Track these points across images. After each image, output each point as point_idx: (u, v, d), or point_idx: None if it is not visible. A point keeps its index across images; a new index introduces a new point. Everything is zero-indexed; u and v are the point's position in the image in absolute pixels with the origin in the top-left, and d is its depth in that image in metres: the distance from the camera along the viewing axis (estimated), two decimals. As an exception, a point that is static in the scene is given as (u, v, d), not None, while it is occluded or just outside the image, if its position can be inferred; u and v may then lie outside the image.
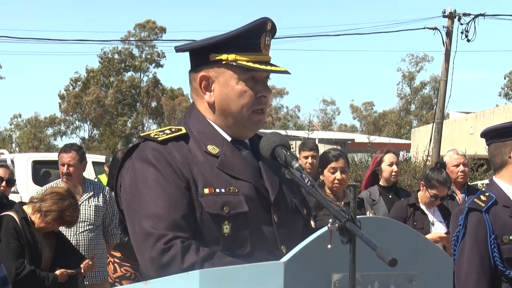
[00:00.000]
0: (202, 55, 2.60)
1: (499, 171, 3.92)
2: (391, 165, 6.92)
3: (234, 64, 2.54)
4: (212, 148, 2.56)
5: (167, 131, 2.59)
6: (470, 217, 3.80)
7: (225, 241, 2.44)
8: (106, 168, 10.38)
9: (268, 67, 2.57)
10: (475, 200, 3.83)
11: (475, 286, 3.71)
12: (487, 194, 3.85)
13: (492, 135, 3.96)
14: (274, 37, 2.68)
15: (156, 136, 2.56)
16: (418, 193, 6.27)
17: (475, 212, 3.78)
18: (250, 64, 2.54)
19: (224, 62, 2.56)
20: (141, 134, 2.63)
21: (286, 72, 2.62)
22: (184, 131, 2.59)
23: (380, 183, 6.98)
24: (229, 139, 2.61)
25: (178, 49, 2.69)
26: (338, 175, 5.55)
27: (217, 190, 2.48)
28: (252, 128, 2.62)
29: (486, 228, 3.74)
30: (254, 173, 2.58)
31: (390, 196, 6.82)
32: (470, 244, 3.76)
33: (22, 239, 4.96)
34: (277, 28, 2.65)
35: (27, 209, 5.12)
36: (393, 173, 6.90)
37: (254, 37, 2.56)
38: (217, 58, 2.56)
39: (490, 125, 4.10)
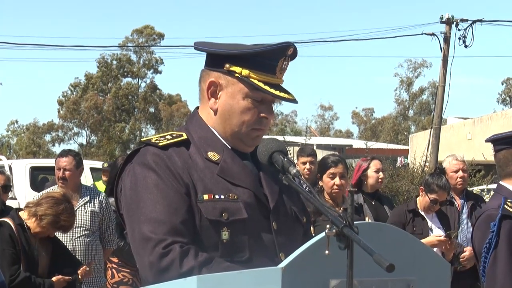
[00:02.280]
0: (217, 60, 2.61)
1: (510, 178, 3.94)
2: (377, 171, 6.86)
3: (246, 80, 2.55)
4: (212, 155, 2.57)
5: (168, 137, 2.60)
6: (503, 225, 3.76)
7: (224, 247, 2.44)
8: (103, 177, 10.34)
9: (277, 92, 2.56)
10: (505, 206, 3.81)
11: None
12: (510, 200, 3.84)
13: (504, 141, 3.97)
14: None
15: (157, 141, 2.57)
16: (417, 198, 6.28)
17: (508, 220, 3.76)
18: (261, 84, 2.54)
19: (236, 75, 2.56)
20: (142, 139, 2.65)
21: (294, 100, 2.61)
22: (185, 136, 2.60)
23: (364, 189, 6.93)
24: (229, 146, 2.62)
25: (197, 47, 2.69)
26: (337, 180, 5.54)
27: (217, 197, 2.48)
28: (249, 143, 2.63)
29: None
30: (254, 180, 2.58)
31: (373, 203, 6.80)
32: (505, 253, 3.72)
33: (18, 245, 4.95)
34: (297, 54, 2.64)
35: (23, 214, 5.11)
36: (379, 180, 6.85)
37: (273, 59, 2.57)
38: (231, 69, 2.57)
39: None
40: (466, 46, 20.76)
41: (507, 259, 3.72)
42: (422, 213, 6.18)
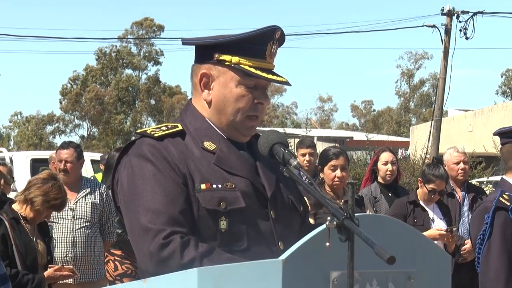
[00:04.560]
0: (207, 52, 2.60)
1: None
2: (385, 164, 6.77)
3: (237, 67, 2.55)
4: (208, 145, 2.57)
5: (164, 128, 2.60)
6: (497, 216, 3.82)
7: (222, 237, 2.44)
8: (101, 167, 10.33)
9: (270, 76, 2.56)
10: (500, 199, 3.85)
11: (505, 285, 3.74)
12: (507, 193, 3.87)
13: (508, 135, 3.99)
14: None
15: (152, 133, 2.57)
16: (417, 190, 6.27)
17: (502, 211, 3.81)
18: (252, 70, 2.54)
19: (227, 63, 2.56)
20: (138, 131, 2.65)
21: (287, 83, 2.61)
22: (180, 127, 2.60)
23: (379, 181, 6.92)
24: (225, 137, 2.62)
25: (185, 42, 2.70)
26: (338, 172, 5.54)
27: (214, 186, 2.48)
28: (244, 132, 2.62)
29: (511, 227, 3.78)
30: (250, 169, 2.58)
31: (390, 195, 6.77)
32: (499, 243, 3.78)
33: (10, 241, 4.89)
34: (285, 38, 2.64)
35: (16, 206, 5.09)
36: (388, 172, 6.74)
37: (261, 43, 2.56)
38: (220, 58, 2.56)
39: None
40: (467, 38, 20.74)
41: (500, 250, 3.77)
42: (423, 204, 6.17)
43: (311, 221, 5.01)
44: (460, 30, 20.83)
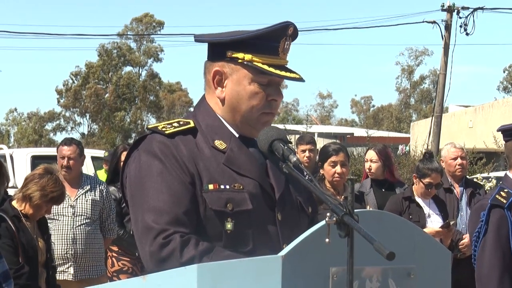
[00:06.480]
0: (219, 49, 2.59)
1: None
2: (366, 161, 6.95)
3: (250, 64, 2.54)
4: (219, 143, 2.56)
5: (175, 124, 2.59)
6: (492, 214, 3.85)
7: (228, 238, 2.44)
8: (105, 166, 10.30)
9: (283, 73, 2.55)
10: (497, 196, 3.87)
11: (498, 282, 3.78)
12: (506, 190, 3.89)
13: (511, 132, 4.01)
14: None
15: (163, 129, 2.55)
16: (413, 186, 6.26)
17: (498, 209, 3.84)
18: (265, 67, 2.53)
19: (239, 61, 2.55)
20: (149, 126, 2.62)
21: (300, 79, 2.60)
22: (192, 124, 2.59)
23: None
24: (237, 135, 2.61)
25: (197, 39, 2.68)
26: (338, 169, 5.53)
27: (222, 187, 2.47)
28: (259, 128, 2.59)
29: (508, 224, 3.80)
30: (260, 170, 2.57)
31: (383, 190, 6.80)
32: (493, 240, 3.82)
33: (15, 237, 4.90)
34: (298, 33, 2.63)
35: (16, 204, 5.09)
36: (367, 170, 6.90)
37: (274, 40, 2.56)
38: (233, 55, 2.56)
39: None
40: (467, 34, 20.77)
41: (495, 247, 3.80)
42: (418, 200, 6.15)
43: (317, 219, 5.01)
44: (461, 26, 20.86)
